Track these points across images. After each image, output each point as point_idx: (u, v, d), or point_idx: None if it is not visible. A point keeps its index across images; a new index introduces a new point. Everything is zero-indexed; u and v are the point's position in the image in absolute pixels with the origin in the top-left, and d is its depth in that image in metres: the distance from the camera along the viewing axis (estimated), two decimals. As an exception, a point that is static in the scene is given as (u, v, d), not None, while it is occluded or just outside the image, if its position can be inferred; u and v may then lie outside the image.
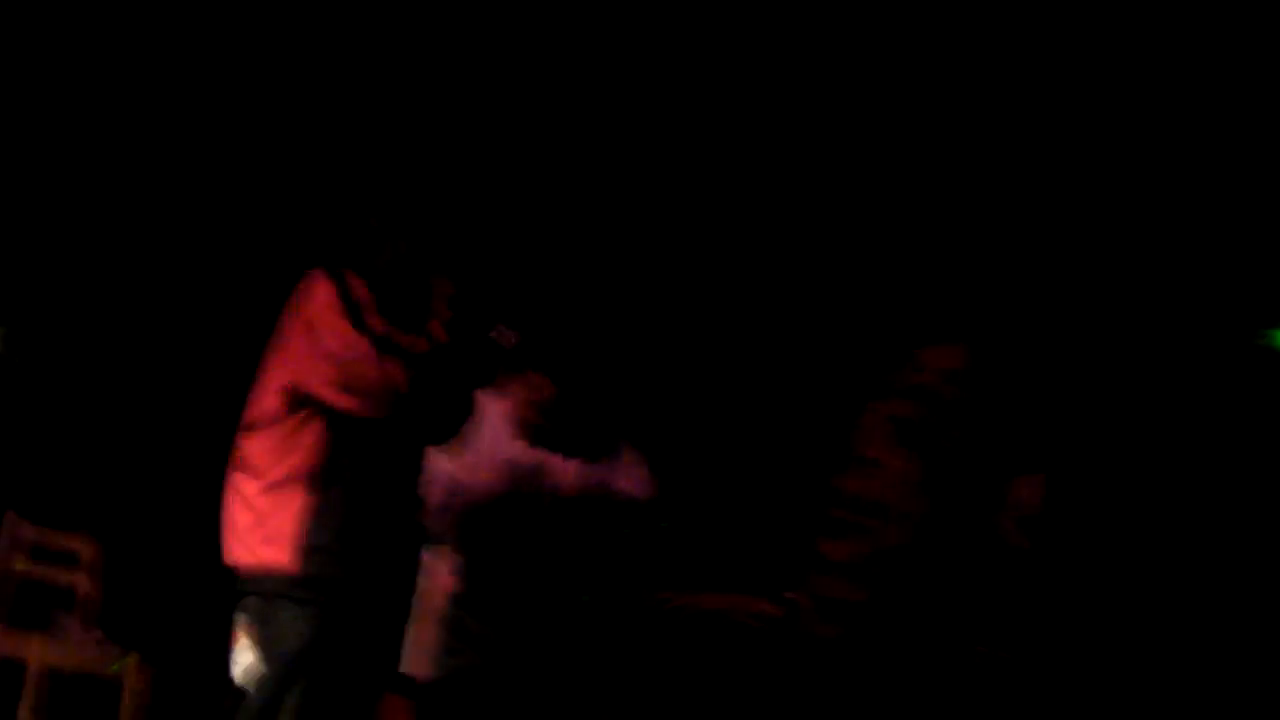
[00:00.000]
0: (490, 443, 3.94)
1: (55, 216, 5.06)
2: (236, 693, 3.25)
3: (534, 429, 4.00)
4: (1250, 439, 5.34)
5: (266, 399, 3.19)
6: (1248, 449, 5.35)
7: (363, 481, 3.21)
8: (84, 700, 4.67)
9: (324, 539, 3.13)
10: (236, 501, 3.19)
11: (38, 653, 4.58)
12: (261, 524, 3.12)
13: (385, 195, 3.49)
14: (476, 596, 3.88)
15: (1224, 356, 5.43)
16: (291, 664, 3.13)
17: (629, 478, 3.96)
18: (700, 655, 4.13)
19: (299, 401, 3.16)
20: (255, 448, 3.17)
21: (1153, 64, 4.77)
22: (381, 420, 3.18)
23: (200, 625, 4.70)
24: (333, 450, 3.16)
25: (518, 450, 3.96)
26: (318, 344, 3.13)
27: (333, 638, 3.17)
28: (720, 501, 5.14)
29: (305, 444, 3.14)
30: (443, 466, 3.89)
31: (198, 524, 4.71)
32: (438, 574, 3.89)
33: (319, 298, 3.18)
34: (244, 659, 3.26)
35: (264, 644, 3.16)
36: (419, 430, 3.41)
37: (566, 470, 3.96)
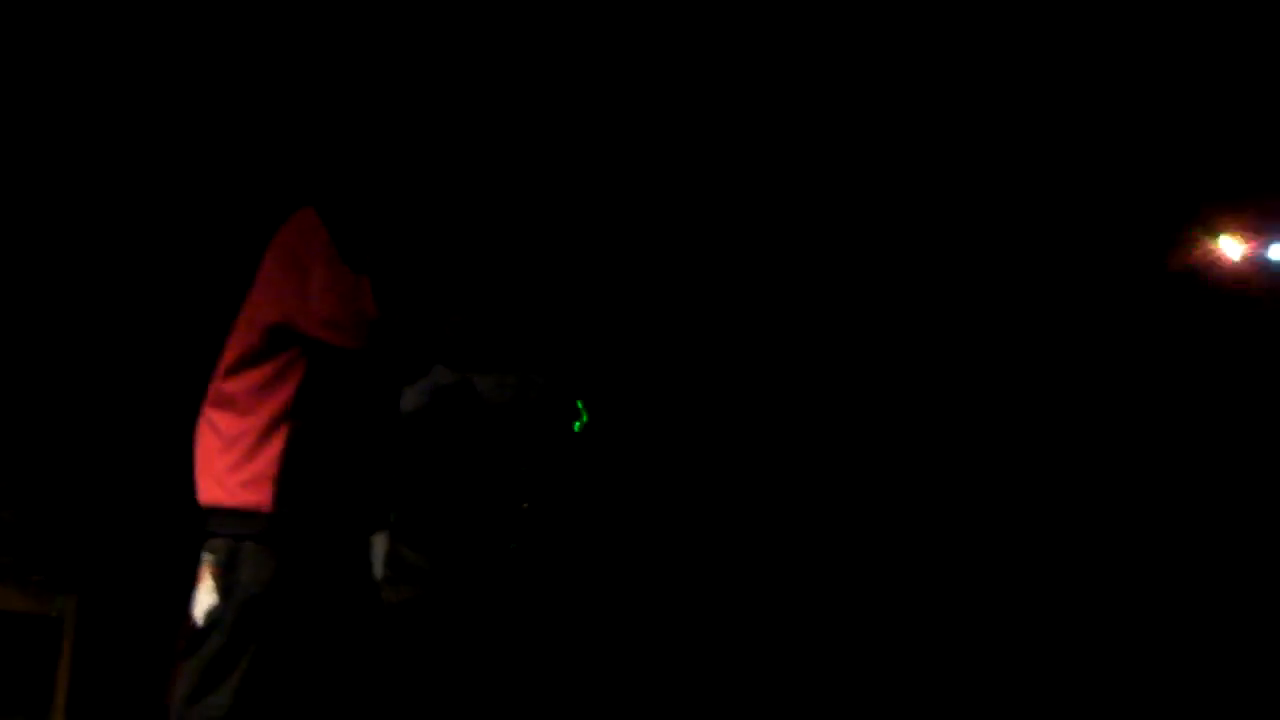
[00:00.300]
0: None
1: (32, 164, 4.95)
2: (192, 635, 3.19)
3: (456, 350, 3.91)
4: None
5: (250, 336, 3.13)
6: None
7: (346, 419, 3.17)
8: (24, 643, 4.61)
9: (306, 480, 3.09)
10: (215, 440, 3.13)
11: (-25, 595, 4.52)
12: (243, 465, 3.07)
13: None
14: (411, 526, 3.81)
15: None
16: (256, 608, 3.08)
17: None
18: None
19: (285, 339, 3.10)
20: (237, 386, 3.11)
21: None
22: (367, 354, 3.13)
23: (151, 565, 4.66)
24: (319, 387, 3.11)
25: (439, 373, 3.90)
26: (306, 280, 3.07)
27: (301, 582, 3.13)
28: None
29: (291, 381, 3.09)
30: None
31: (147, 461, 4.70)
32: None
33: (306, 233, 3.12)
34: (206, 600, 3.20)
35: (230, 587, 3.09)
36: (399, 364, 3.37)
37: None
